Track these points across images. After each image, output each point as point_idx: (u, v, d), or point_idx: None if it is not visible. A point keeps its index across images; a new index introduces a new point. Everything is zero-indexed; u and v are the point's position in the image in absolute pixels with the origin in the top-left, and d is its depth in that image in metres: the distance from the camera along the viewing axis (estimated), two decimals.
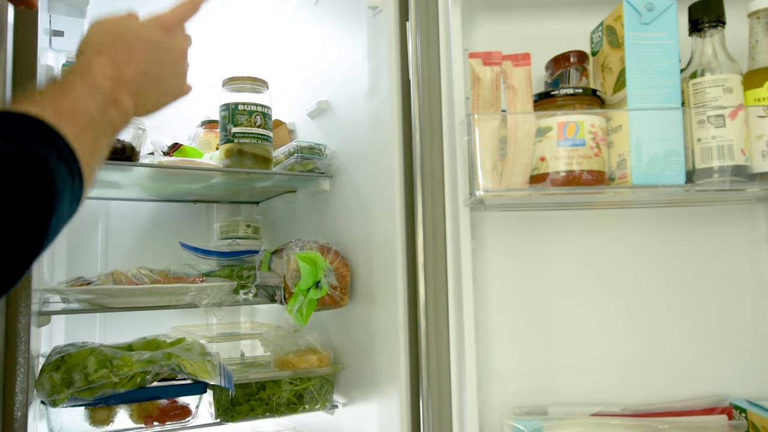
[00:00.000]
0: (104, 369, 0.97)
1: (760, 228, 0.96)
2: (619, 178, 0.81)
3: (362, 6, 1.06)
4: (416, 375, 0.93)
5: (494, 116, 0.82)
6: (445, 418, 0.89)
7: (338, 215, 1.21)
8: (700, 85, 0.82)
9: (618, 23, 0.82)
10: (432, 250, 0.92)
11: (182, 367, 1.02)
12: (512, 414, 0.91)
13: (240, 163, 1.18)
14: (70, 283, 1.09)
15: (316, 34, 1.31)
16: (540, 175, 0.82)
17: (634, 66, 0.80)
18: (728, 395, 0.92)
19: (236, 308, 1.62)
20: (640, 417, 0.90)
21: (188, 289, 1.10)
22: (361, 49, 1.09)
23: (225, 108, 1.19)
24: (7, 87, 0.81)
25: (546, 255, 0.95)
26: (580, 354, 0.94)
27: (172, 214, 1.56)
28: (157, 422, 1.06)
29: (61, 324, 1.36)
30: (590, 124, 0.81)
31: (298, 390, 1.16)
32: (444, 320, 0.91)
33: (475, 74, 0.83)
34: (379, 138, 1.03)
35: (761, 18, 0.83)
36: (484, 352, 0.92)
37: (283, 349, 1.18)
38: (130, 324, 1.33)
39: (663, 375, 0.93)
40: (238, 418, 1.12)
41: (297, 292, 1.08)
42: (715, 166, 0.80)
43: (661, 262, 0.95)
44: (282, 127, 1.41)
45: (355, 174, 1.14)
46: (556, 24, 0.96)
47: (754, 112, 0.81)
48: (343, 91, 1.19)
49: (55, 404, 0.94)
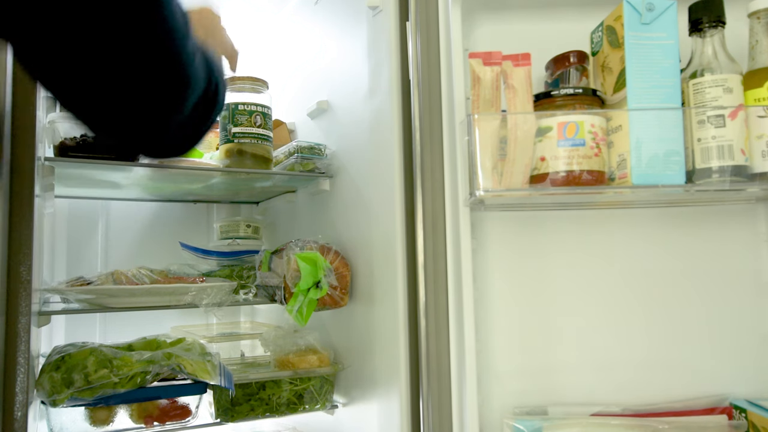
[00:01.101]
0: (104, 369, 0.97)
1: (760, 228, 0.96)
2: (619, 178, 0.81)
3: (362, 6, 1.06)
4: (416, 375, 0.93)
5: (494, 116, 0.82)
6: (445, 418, 0.89)
7: (338, 215, 1.21)
8: (700, 85, 0.82)
9: (618, 23, 0.82)
10: (432, 250, 0.92)
11: (182, 367, 1.02)
12: (512, 414, 0.91)
13: (240, 163, 1.18)
14: (70, 283, 1.09)
15: (316, 34, 1.31)
16: (540, 175, 0.82)
17: (634, 66, 0.80)
18: (728, 395, 0.92)
19: (236, 308, 1.62)
20: (640, 417, 0.90)
21: (188, 289, 1.10)
22: (361, 49, 1.09)
23: (225, 108, 1.19)
24: (8, 88, 0.81)
25: (546, 255, 0.95)
26: (580, 354, 0.94)
27: (172, 214, 1.56)
28: (157, 422, 1.06)
29: (61, 324, 1.36)
30: (590, 124, 0.81)
31: (298, 390, 1.16)
32: (444, 320, 0.91)
33: (475, 74, 0.83)
34: (379, 138, 1.03)
35: (761, 18, 0.83)
36: (484, 352, 0.92)
37: (283, 349, 1.18)
38: (130, 324, 1.33)
39: (663, 375, 0.93)
40: (238, 418, 1.12)
41: (297, 292, 1.08)
42: (715, 166, 0.80)
43: (661, 262, 0.95)
44: (282, 127, 1.41)
45: (355, 174, 1.14)
46: (556, 24, 0.96)
47: (754, 112, 0.81)
48: (343, 91, 1.19)
49: (55, 404, 0.94)
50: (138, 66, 0.50)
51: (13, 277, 0.84)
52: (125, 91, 0.52)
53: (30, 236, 0.85)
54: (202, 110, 0.60)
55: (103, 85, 0.51)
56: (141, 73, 0.51)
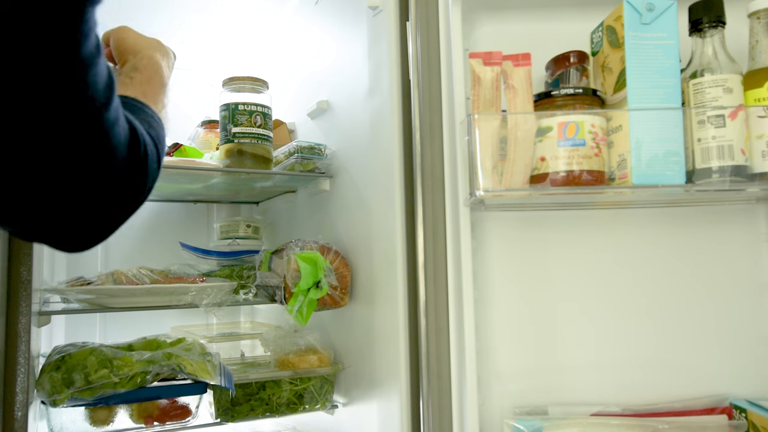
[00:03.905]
0: (104, 369, 0.97)
1: (760, 228, 0.96)
2: (619, 178, 0.81)
3: (362, 6, 1.06)
4: (416, 375, 0.93)
5: (494, 116, 0.82)
6: (445, 418, 0.89)
7: (338, 215, 1.21)
8: (700, 85, 0.82)
9: (618, 23, 0.82)
10: (432, 250, 0.92)
11: (182, 367, 1.02)
12: (512, 414, 0.91)
13: (240, 163, 1.18)
14: (71, 283, 1.09)
15: (316, 34, 1.31)
16: (540, 175, 0.82)
17: (635, 66, 0.80)
18: (728, 395, 0.92)
19: (236, 308, 1.62)
20: (640, 417, 0.90)
21: (188, 289, 1.10)
22: (361, 49, 1.09)
23: (225, 108, 1.19)
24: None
25: (546, 255, 0.95)
26: (581, 354, 0.94)
27: (172, 214, 1.56)
28: (157, 422, 1.06)
29: (61, 324, 1.36)
30: (590, 124, 0.81)
31: (298, 390, 1.16)
32: (444, 320, 0.91)
33: (476, 74, 0.83)
34: (379, 138, 1.03)
35: (761, 18, 0.83)
36: (485, 352, 0.92)
37: (283, 349, 1.18)
38: (130, 324, 1.33)
39: (663, 375, 0.93)
40: (238, 418, 1.12)
41: (297, 292, 1.08)
42: (715, 166, 0.80)
43: (661, 263, 0.95)
44: (282, 127, 1.41)
45: (355, 174, 1.14)
46: (556, 24, 0.96)
47: (754, 112, 0.81)
48: (343, 91, 1.19)
49: (55, 404, 0.94)
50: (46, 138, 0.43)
51: (13, 277, 0.84)
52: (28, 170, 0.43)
53: None
54: (129, 181, 0.52)
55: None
56: (50, 144, 0.43)
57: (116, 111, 0.48)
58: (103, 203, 0.49)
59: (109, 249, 1.47)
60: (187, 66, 1.59)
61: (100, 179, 0.47)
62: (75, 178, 0.45)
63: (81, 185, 0.46)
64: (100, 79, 0.45)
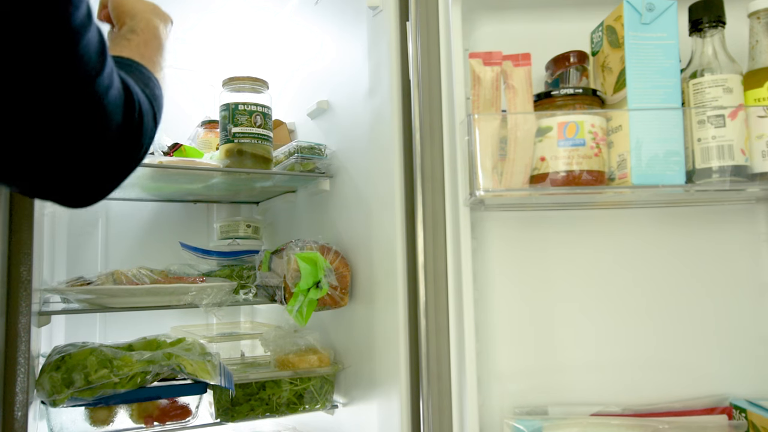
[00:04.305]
0: (104, 369, 0.97)
1: (760, 228, 0.96)
2: (619, 178, 0.81)
3: (362, 6, 1.06)
4: (416, 375, 0.93)
5: (494, 116, 0.82)
6: (445, 418, 0.89)
7: (338, 215, 1.21)
8: (700, 85, 0.82)
9: (618, 23, 0.82)
10: (432, 250, 0.92)
11: (182, 367, 1.02)
12: (512, 414, 0.91)
13: (240, 163, 1.18)
14: (71, 283, 1.09)
15: (316, 34, 1.31)
16: (540, 175, 0.82)
17: (635, 66, 0.80)
18: (728, 395, 0.92)
19: (236, 308, 1.62)
20: (640, 417, 0.90)
21: (188, 289, 1.10)
22: (361, 49, 1.09)
23: (225, 108, 1.19)
24: None
25: (546, 255, 0.95)
26: (581, 354, 0.94)
27: (172, 214, 1.56)
28: (157, 422, 1.06)
29: (61, 324, 1.36)
30: (590, 124, 0.81)
31: (298, 390, 1.16)
32: (444, 320, 0.91)
33: (476, 74, 0.83)
34: (379, 138, 1.03)
35: (761, 18, 0.83)
36: (485, 352, 0.92)
37: (283, 349, 1.18)
38: (130, 324, 1.33)
39: (663, 375, 0.93)
40: (238, 418, 1.12)
41: (297, 292, 1.08)
42: (715, 166, 0.80)
43: (661, 263, 0.95)
44: (282, 127, 1.41)
45: (355, 174, 1.14)
46: (556, 24, 0.96)
47: (754, 112, 0.81)
48: (343, 91, 1.19)
49: (55, 404, 0.94)
50: (43, 105, 0.45)
51: (13, 277, 0.84)
52: (28, 132, 0.46)
53: (30, 236, 0.85)
54: (126, 142, 0.54)
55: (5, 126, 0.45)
56: (46, 112, 0.45)
57: (110, 76, 0.50)
58: (101, 161, 0.52)
59: (109, 249, 1.47)
60: (187, 66, 1.59)
61: (96, 140, 0.50)
62: (73, 140, 0.48)
63: (79, 146, 0.49)
64: (91, 48, 0.46)
